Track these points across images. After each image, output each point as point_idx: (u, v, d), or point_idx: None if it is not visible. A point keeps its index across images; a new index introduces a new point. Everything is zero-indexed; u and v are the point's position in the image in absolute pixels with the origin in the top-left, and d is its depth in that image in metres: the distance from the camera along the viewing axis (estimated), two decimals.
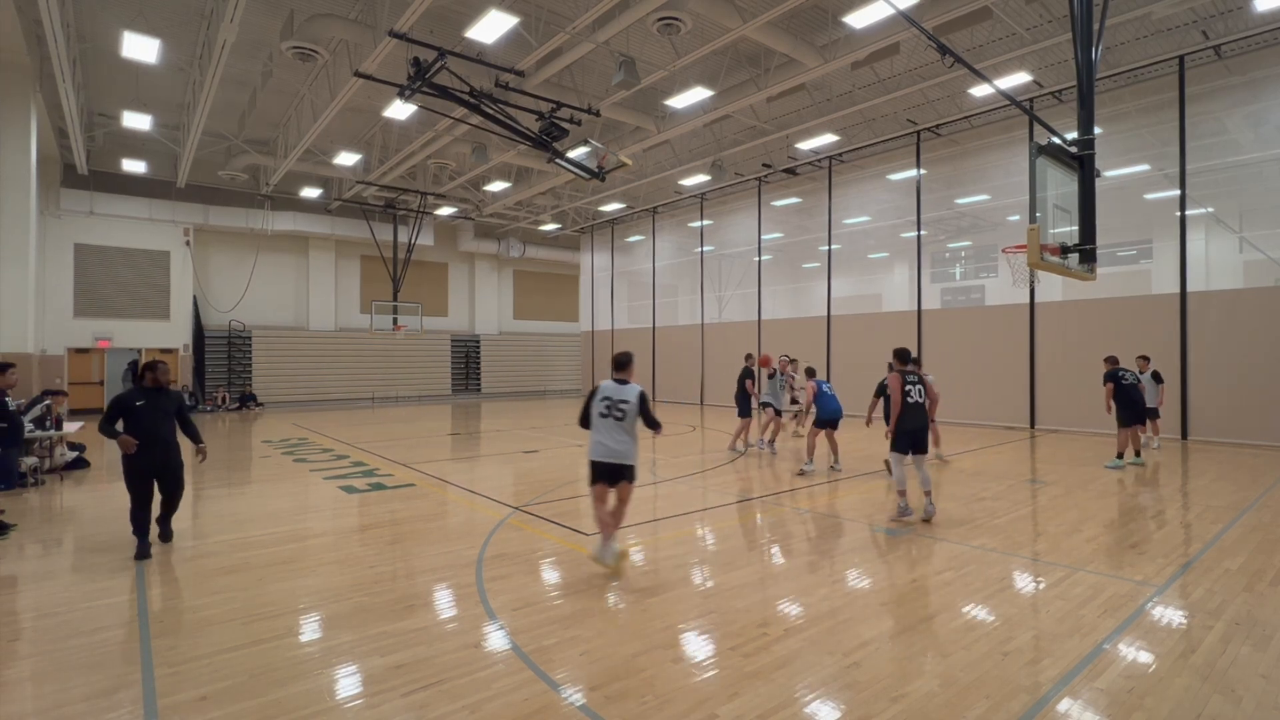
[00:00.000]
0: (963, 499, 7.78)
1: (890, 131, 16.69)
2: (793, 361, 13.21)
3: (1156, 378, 11.21)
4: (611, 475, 5.24)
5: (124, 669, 3.63)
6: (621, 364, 5.45)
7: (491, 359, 29.01)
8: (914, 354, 11.27)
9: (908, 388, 6.75)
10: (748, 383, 11.63)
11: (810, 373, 10.39)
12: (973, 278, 26.81)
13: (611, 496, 5.30)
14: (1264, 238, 14.57)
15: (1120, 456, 9.74)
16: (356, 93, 13.47)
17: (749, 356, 12.31)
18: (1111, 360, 10.05)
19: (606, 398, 5.25)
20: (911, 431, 6.69)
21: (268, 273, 23.82)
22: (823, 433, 9.69)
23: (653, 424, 5.24)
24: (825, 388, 9.69)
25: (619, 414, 5.21)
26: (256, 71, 15.15)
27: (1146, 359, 11.29)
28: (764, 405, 11.75)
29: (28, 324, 13.74)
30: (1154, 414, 11.00)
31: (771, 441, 11.64)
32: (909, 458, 6.79)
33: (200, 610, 4.43)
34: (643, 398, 5.26)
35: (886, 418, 7.08)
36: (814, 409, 9.62)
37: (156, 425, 5.68)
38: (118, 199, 20.36)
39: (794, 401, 13.42)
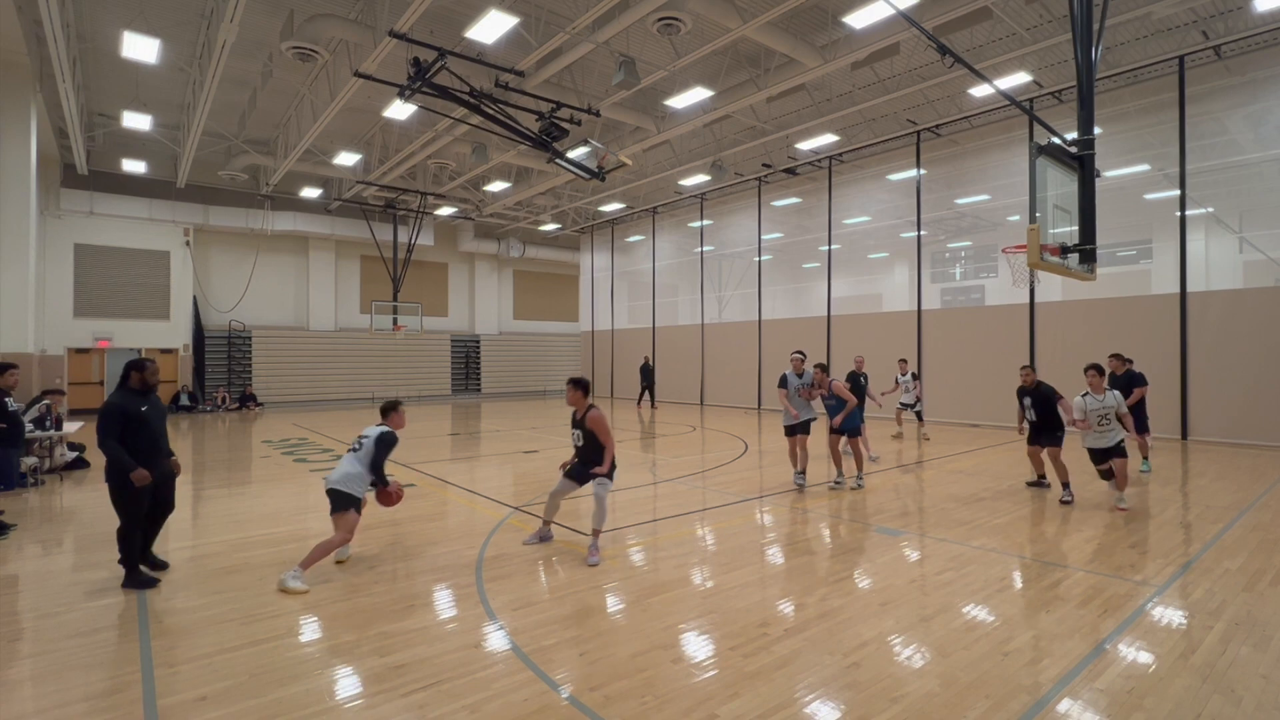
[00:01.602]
0: (963, 499, 7.78)
1: (890, 131, 16.69)
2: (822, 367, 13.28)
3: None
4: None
5: (124, 669, 3.63)
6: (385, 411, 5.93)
7: (491, 359, 29.01)
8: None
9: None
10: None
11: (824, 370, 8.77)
12: (973, 278, 26.81)
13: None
14: (1264, 238, 14.56)
15: (1146, 460, 9.42)
16: (356, 93, 13.47)
17: (859, 359, 11.49)
18: (1125, 360, 9.57)
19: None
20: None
21: (268, 273, 23.81)
22: (844, 440, 8.57)
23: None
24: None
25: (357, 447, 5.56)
26: (256, 71, 15.15)
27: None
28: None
29: (28, 324, 13.74)
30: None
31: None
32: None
33: (200, 610, 4.43)
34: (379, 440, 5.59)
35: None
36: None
37: (160, 434, 5.10)
38: (118, 199, 20.35)
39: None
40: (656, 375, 24.14)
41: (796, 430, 8.40)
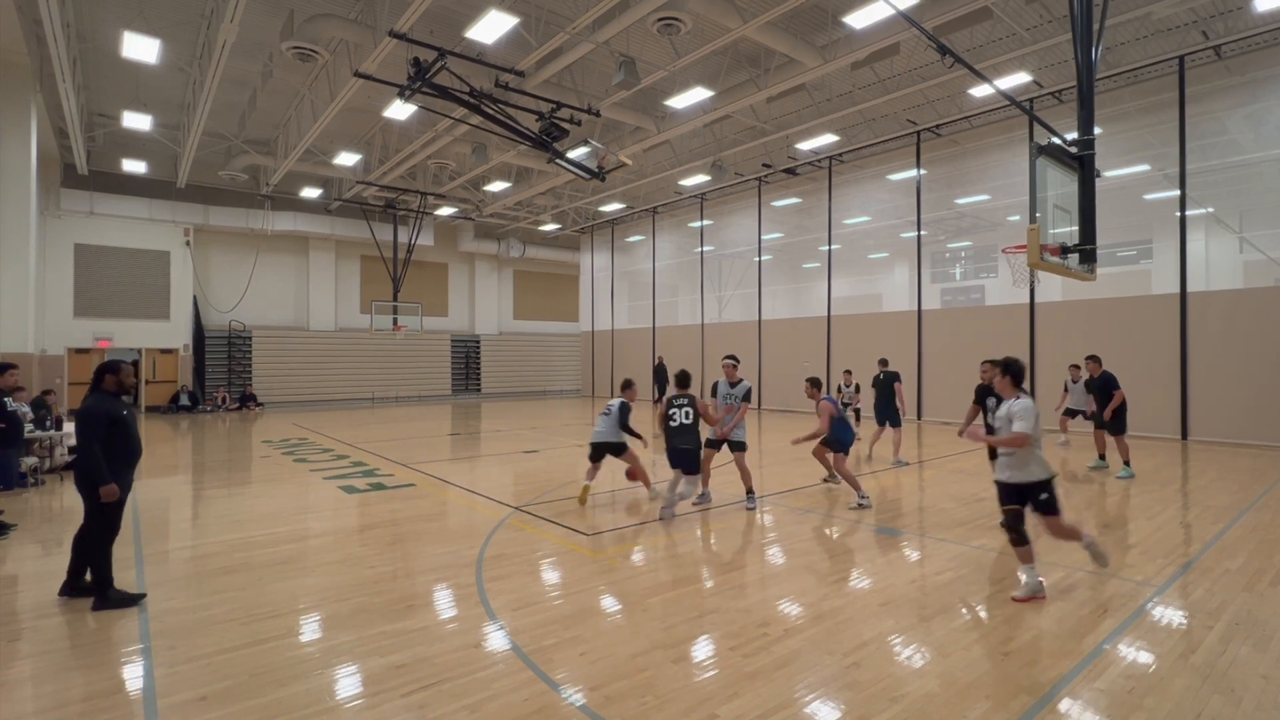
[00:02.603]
0: (963, 499, 7.78)
1: (890, 131, 16.68)
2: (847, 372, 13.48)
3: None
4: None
5: (124, 669, 3.63)
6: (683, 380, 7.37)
7: (491, 359, 29.01)
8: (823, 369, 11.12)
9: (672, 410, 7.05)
10: (898, 386, 10.50)
11: (817, 384, 8.14)
12: (973, 278, 26.79)
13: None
14: (1264, 238, 14.56)
15: (1127, 464, 9.15)
16: (356, 93, 13.47)
17: (884, 361, 11.38)
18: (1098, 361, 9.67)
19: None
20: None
21: (268, 273, 23.81)
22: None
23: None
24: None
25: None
26: (256, 71, 15.15)
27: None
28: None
29: (28, 324, 13.74)
30: (1079, 415, 10.97)
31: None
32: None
33: (200, 610, 4.43)
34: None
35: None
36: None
37: (138, 440, 4.82)
38: (118, 199, 20.36)
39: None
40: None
41: (716, 445, 7.23)
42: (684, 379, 7.34)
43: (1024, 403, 4.62)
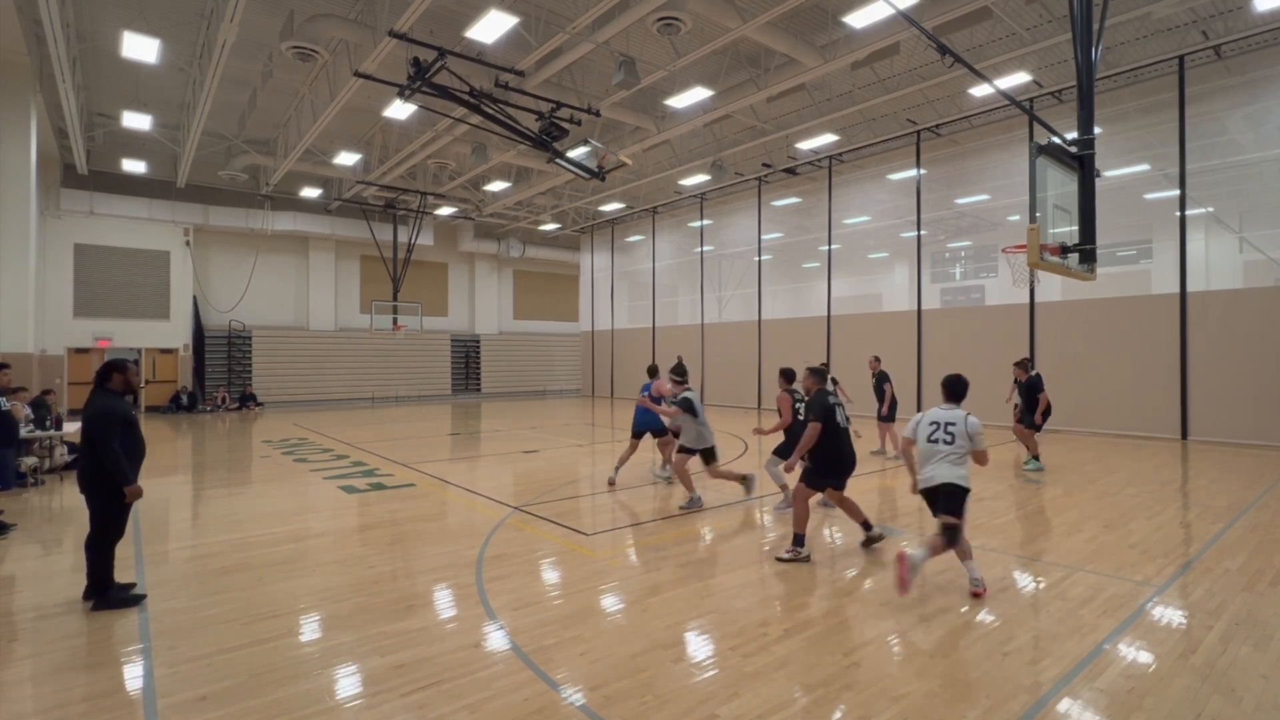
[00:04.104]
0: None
1: (890, 131, 16.68)
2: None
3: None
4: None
5: (124, 669, 3.63)
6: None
7: (491, 359, 29.01)
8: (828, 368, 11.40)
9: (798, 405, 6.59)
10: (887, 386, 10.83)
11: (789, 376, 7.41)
12: (973, 278, 26.80)
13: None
14: (1264, 238, 14.56)
15: (1036, 459, 9.68)
16: (356, 93, 13.47)
17: (876, 359, 11.40)
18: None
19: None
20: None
21: (268, 273, 23.81)
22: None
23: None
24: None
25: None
26: (256, 71, 15.15)
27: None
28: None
29: (28, 324, 13.74)
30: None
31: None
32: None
33: (200, 610, 4.43)
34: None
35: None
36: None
37: (144, 441, 4.79)
38: (118, 199, 20.35)
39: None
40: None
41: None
42: (791, 375, 7.23)
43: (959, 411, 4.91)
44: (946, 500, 4.66)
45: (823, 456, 5.52)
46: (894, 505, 7.61)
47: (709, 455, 7.29)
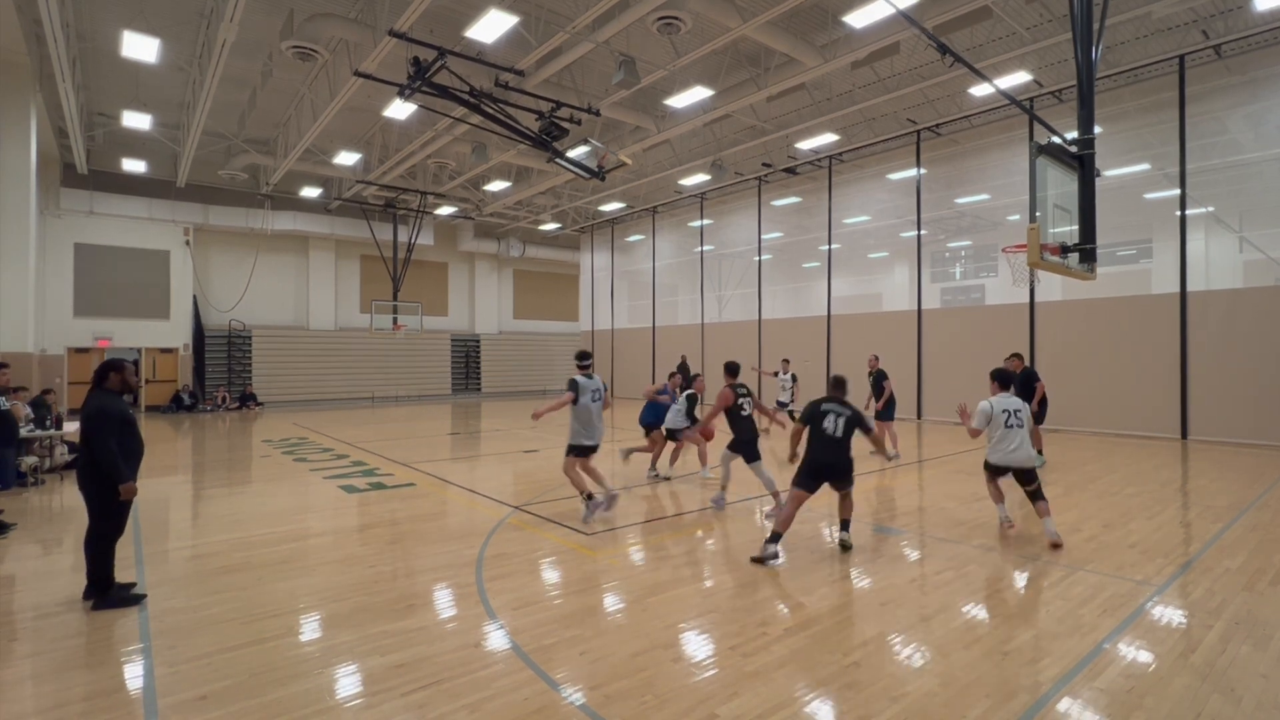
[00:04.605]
0: (963, 499, 7.78)
1: (890, 131, 16.68)
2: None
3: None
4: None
5: (124, 668, 3.63)
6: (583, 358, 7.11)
7: (491, 359, 29.01)
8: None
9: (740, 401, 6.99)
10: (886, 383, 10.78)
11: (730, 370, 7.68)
12: (973, 277, 26.80)
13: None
14: (1264, 238, 14.56)
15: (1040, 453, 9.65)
16: (356, 92, 13.47)
17: (875, 357, 11.37)
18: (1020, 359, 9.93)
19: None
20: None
21: (268, 272, 23.81)
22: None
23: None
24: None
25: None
26: (256, 71, 15.15)
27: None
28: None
29: (28, 323, 13.74)
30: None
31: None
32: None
33: (200, 610, 4.43)
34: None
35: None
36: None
37: (142, 440, 4.79)
38: (118, 199, 20.35)
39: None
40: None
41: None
42: (735, 369, 7.56)
43: (981, 403, 6.17)
44: (1030, 472, 6.01)
45: (806, 460, 5.69)
46: (893, 505, 7.61)
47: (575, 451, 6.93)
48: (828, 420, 5.65)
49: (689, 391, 9.09)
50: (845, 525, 5.83)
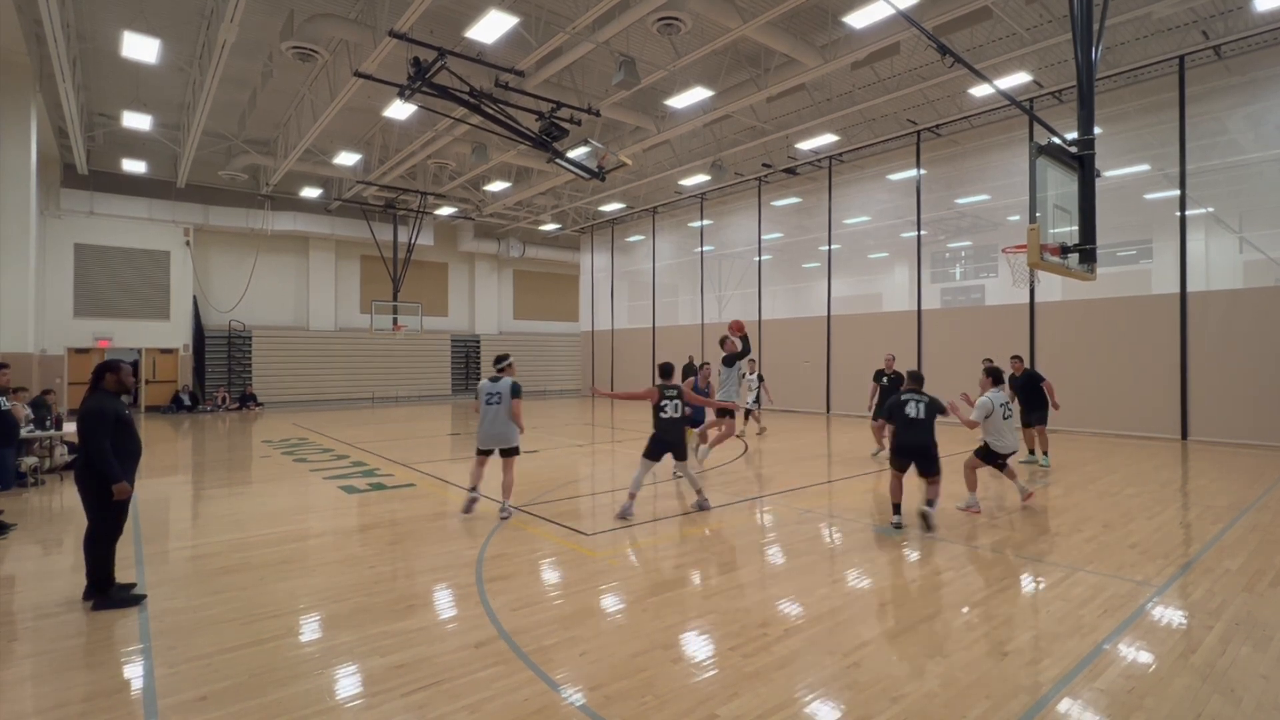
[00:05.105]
0: (963, 499, 7.77)
1: (890, 131, 16.68)
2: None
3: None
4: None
5: (124, 669, 3.63)
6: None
7: (492, 359, 28.96)
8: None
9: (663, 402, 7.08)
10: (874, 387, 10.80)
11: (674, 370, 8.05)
12: (973, 278, 26.78)
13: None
14: (1264, 238, 14.55)
15: (1046, 453, 9.89)
16: (356, 93, 13.47)
17: (891, 357, 11.20)
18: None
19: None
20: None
21: (268, 273, 23.81)
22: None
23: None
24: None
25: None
26: (256, 71, 15.15)
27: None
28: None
29: (28, 324, 13.74)
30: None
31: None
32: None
33: (200, 610, 4.43)
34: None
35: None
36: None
37: (139, 439, 4.79)
38: (118, 199, 20.35)
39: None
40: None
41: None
42: (668, 371, 7.54)
43: (982, 398, 7.24)
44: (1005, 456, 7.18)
45: (894, 445, 6.72)
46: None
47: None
48: (909, 407, 6.59)
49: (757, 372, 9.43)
50: (930, 503, 6.49)
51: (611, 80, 13.50)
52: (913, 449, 6.53)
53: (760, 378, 14.27)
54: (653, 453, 6.98)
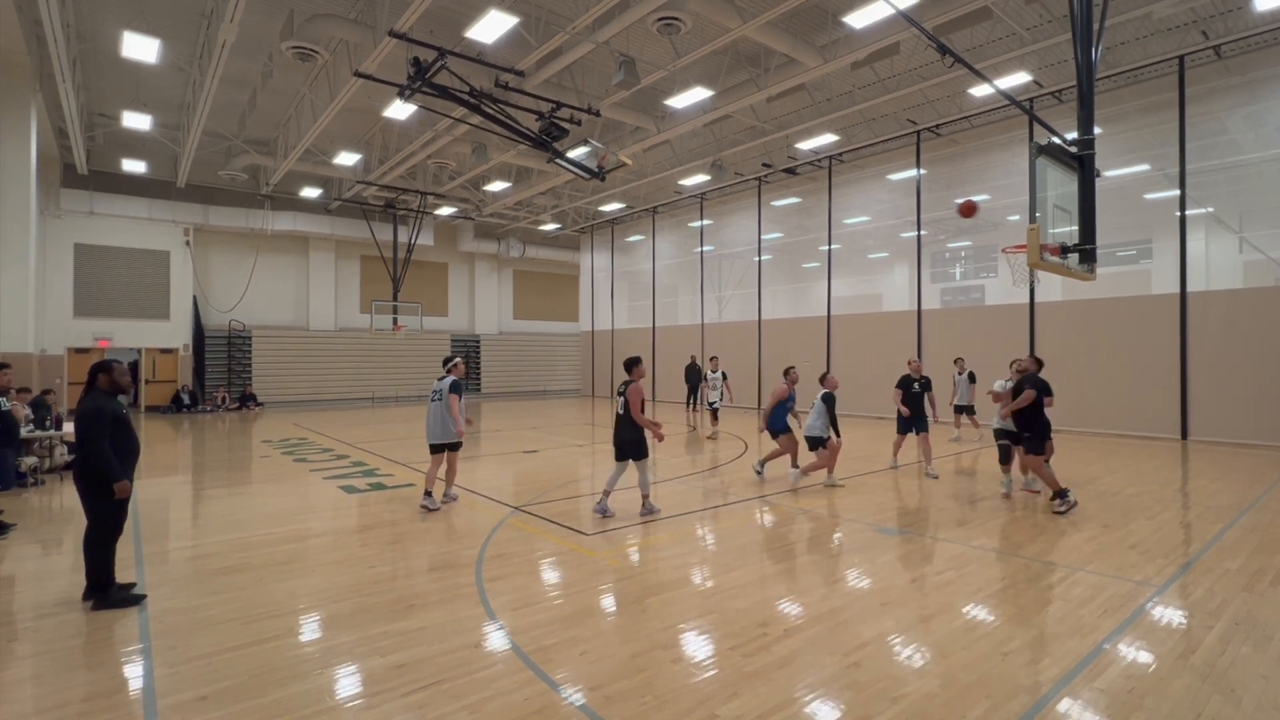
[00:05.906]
0: (963, 499, 7.78)
1: (890, 131, 16.68)
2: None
3: (971, 377, 12.72)
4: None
5: (124, 669, 3.63)
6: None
7: (491, 359, 29.00)
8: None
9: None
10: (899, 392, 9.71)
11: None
12: (973, 278, 26.78)
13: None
14: (1264, 238, 14.55)
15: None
16: (356, 93, 13.47)
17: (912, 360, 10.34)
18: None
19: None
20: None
21: (268, 273, 23.81)
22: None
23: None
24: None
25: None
26: (256, 71, 15.15)
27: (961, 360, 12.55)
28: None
29: (28, 324, 13.74)
30: (970, 410, 13.00)
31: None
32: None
33: (200, 610, 4.43)
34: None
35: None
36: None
37: (137, 439, 4.79)
38: (118, 199, 20.35)
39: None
40: (657, 375, 24.13)
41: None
42: (625, 366, 7.03)
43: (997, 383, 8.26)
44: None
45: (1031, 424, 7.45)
46: (893, 505, 7.60)
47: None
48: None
49: (824, 392, 8.48)
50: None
51: (611, 80, 13.50)
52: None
53: (724, 376, 13.97)
54: (615, 453, 6.92)
